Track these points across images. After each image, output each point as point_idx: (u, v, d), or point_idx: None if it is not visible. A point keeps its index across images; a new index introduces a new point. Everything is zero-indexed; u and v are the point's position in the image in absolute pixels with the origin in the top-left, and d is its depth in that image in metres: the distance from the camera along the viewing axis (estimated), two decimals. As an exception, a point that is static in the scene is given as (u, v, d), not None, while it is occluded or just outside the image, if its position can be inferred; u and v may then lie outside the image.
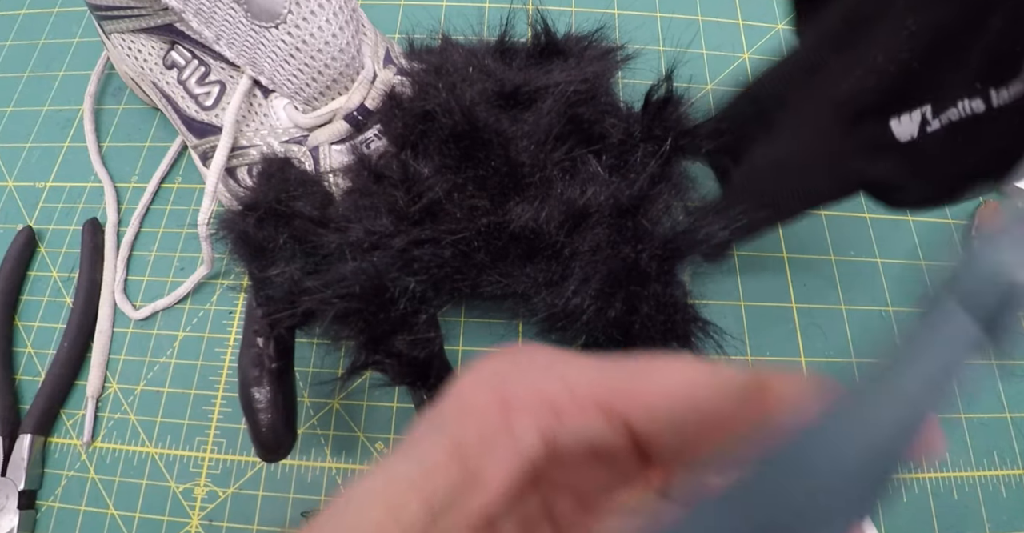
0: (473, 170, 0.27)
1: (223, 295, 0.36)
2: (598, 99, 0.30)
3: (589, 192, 0.27)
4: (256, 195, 0.28)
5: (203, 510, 0.32)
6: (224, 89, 0.30)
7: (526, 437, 0.12)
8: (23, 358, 0.35)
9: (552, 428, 0.12)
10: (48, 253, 0.38)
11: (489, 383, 0.13)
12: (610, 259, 0.26)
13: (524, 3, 0.43)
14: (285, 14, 0.27)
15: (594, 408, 0.12)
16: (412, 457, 0.13)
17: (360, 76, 0.29)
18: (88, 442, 0.33)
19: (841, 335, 0.35)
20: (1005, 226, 0.12)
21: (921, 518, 0.32)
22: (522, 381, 0.13)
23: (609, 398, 0.12)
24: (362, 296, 0.25)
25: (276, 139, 0.30)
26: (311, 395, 0.34)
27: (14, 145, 0.41)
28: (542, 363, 0.13)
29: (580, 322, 0.26)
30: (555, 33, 0.33)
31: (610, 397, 0.12)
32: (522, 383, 0.13)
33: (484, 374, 0.13)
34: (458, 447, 0.12)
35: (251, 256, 0.28)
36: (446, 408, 0.13)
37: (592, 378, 0.13)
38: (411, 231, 0.26)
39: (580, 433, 0.12)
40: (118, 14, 0.31)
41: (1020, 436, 0.34)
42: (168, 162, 0.39)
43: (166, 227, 0.38)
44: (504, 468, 0.12)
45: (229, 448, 0.33)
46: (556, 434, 0.12)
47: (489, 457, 0.12)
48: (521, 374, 0.13)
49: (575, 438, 0.12)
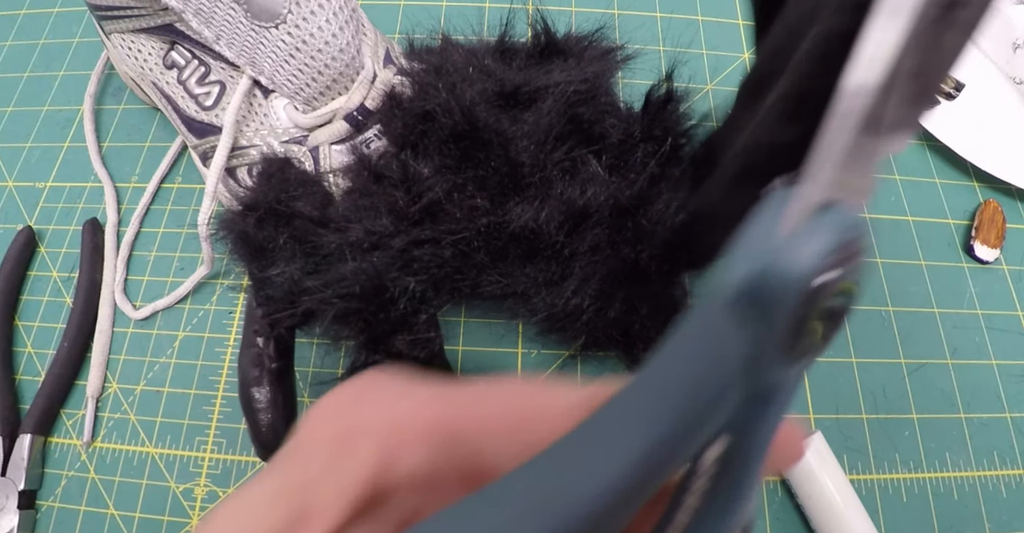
0: (473, 170, 0.27)
1: (223, 295, 0.36)
2: (598, 99, 0.30)
3: (589, 192, 0.27)
4: (256, 195, 0.28)
5: (203, 510, 0.32)
6: (224, 89, 0.30)
7: (361, 467, 0.12)
8: (23, 358, 0.35)
9: (392, 455, 0.12)
10: (48, 253, 0.38)
11: (329, 416, 0.13)
12: (610, 259, 0.26)
13: (524, 3, 0.43)
14: (285, 14, 0.27)
15: (436, 432, 0.12)
16: (240, 503, 0.13)
17: (360, 76, 0.29)
18: (88, 442, 0.33)
19: (841, 335, 0.35)
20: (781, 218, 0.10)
21: (921, 518, 0.32)
22: (363, 411, 0.13)
23: (450, 423, 0.13)
24: (362, 296, 0.25)
25: (276, 139, 0.30)
26: (311, 395, 0.34)
27: (14, 145, 0.41)
28: (386, 391, 0.13)
29: (580, 322, 0.26)
30: (555, 33, 0.33)
31: (451, 422, 0.13)
32: (363, 413, 0.13)
33: (326, 408, 0.13)
34: (286, 486, 0.12)
35: (251, 256, 0.28)
36: (288, 445, 0.13)
37: (433, 404, 0.13)
38: (411, 231, 0.26)
39: (420, 458, 0.12)
40: (118, 14, 0.31)
41: (1020, 436, 0.34)
42: (168, 162, 0.39)
43: (166, 227, 0.38)
44: (337, 500, 0.12)
45: (229, 448, 0.33)
46: (396, 460, 0.12)
47: (322, 490, 0.12)
48: (364, 404, 0.13)
49: (415, 463, 0.12)
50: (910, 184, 0.40)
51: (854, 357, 0.35)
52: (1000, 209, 0.38)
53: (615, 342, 0.27)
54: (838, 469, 0.31)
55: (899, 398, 0.34)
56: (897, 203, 0.39)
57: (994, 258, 0.37)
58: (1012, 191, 0.40)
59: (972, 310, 0.37)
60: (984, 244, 0.37)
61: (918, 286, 0.37)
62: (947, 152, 0.40)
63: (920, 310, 0.36)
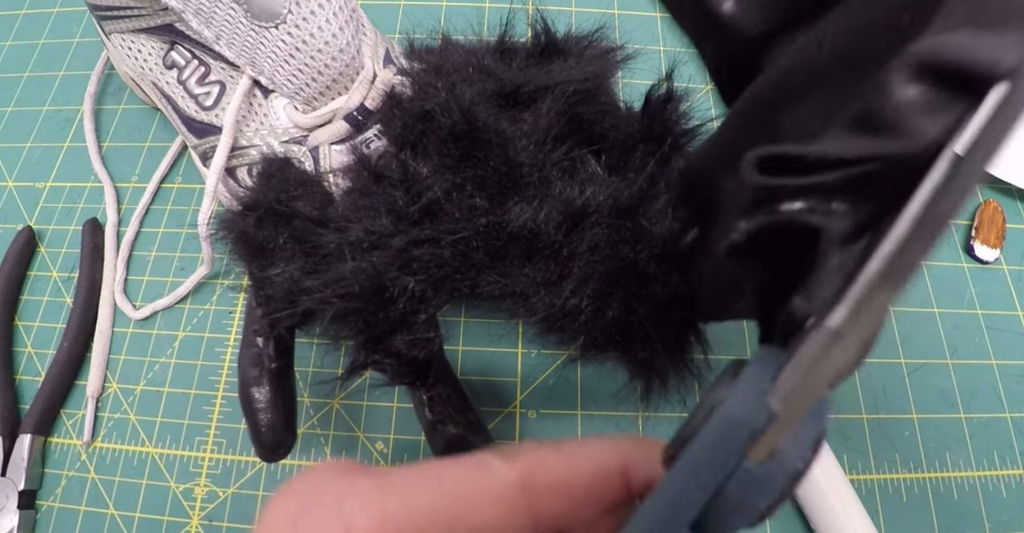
0: (472, 170, 0.27)
1: (223, 295, 0.36)
2: (598, 99, 0.30)
3: (588, 192, 0.27)
4: (256, 195, 0.28)
5: (203, 510, 0.32)
6: (224, 89, 0.30)
7: None
8: (23, 358, 0.35)
9: None
10: (48, 253, 0.38)
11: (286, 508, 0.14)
12: (609, 259, 0.26)
13: (524, 3, 0.43)
14: (285, 14, 0.27)
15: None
16: None
17: (360, 76, 0.29)
18: (88, 442, 0.33)
19: (841, 335, 0.35)
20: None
21: (921, 518, 0.32)
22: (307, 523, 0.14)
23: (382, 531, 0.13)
24: (361, 296, 0.25)
25: (276, 139, 0.30)
26: (311, 395, 0.34)
27: (14, 145, 0.41)
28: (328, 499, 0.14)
29: (579, 322, 0.26)
30: (555, 33, 0.33)
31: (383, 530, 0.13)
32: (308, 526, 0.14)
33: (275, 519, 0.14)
34: None
35: (251, 256, 0.28)
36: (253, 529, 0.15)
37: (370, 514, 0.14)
38: (410, 231, 0.26)
39: None
40: (118, 14, 0.31)
41: (1020, 436, 0.34)
42: (168, 162, 0.39)
43: (166, 227, 0.38)
44: None
45: (229, 448, 0.33)
46: None
47: None
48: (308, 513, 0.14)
49: None
50: (910, 184, 0.40)
51: (854, 357, 0.35)
52: (1000, 209, 0.38)
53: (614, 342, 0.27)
54: (838, 469, 0.31)
55: (899, 398, 0.34)
56: (897, 203, 0.39)
57: (994, 258, 0.37)
58: (1012, 191, 0.40)
59: (972, 310, 0.37)
60: (984, 244, 0.37)
61: (918, 286, 0.37)
62: (947, 152, 0.40)
63: (920, 310, 0.36)
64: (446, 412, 0.28)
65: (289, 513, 0.14)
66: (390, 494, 0.14)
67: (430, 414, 0.28)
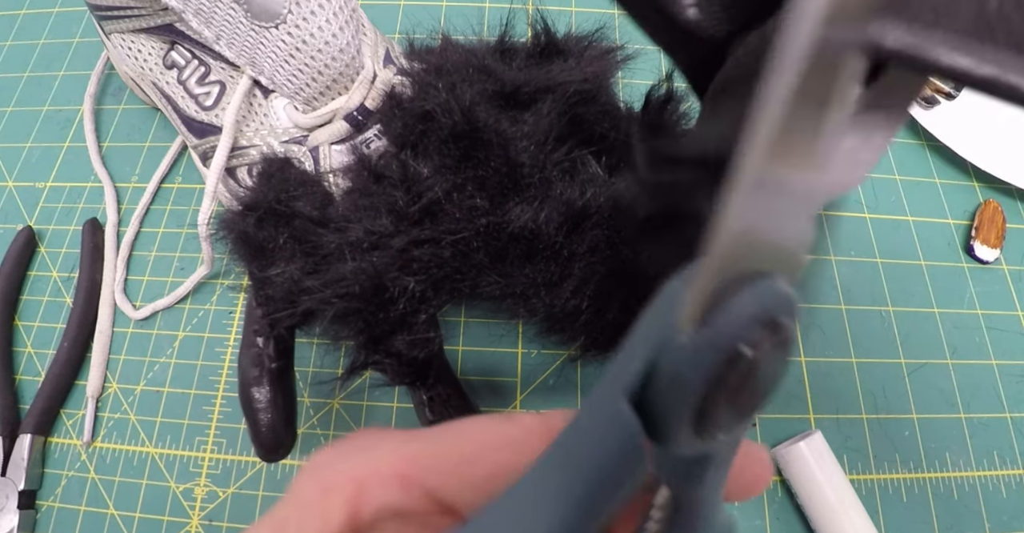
0: (473, 170, 0.27)
1: (223, 295, 0.36)
2: (598, 99, 0.30)
3: (589, 193, 0.27)
4: (256, 195, 0.28)
5: (203, 510, 0.32)
6: (224, 89, 0.30)
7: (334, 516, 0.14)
8: (23, 358, 0.35)
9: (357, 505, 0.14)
10: (48, 253, 0.38)
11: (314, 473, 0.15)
12: (609, 260, 0.26)
13: (524, 3, 0.43)
14: (285, 14, 0.27)
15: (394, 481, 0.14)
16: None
17: (360, 76, 0.29)
18: (88, 442, 0.33)
19: (841, 335, 0.35)
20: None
21: (921, 518, 0.32)
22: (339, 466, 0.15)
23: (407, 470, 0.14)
24: (362, 296, 0.25)
25: (276, 139, 0.30)
26: (311, 395, 0.34)
27: (14, 145, 0.41)
28: (360, 447, 0.15)
29: (579, 323, 0.26)
30: (555, 33, 0.32)
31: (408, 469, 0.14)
32: (338, 468, 0.15)
33: (312, 466, 0.15)
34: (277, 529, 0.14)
35: (251, 256, 0.28)
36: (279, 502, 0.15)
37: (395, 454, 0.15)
38: (411, 231, 0.26)
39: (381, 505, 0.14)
40: (118, 14, 0.31)
41: (1020, 436, 0.34)
42: (168, 162, 0.39)
43: (166, 227, 0.38)
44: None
45: (229, 448, 0.33)
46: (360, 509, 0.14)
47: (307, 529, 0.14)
48: (341, 460, 0.15)
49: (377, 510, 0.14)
50: (910, 184, 0.40)
51: (854, 357, 0.35)
52: (1000, 209, 0.38)
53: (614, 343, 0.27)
54: (838, 469, 0.31)
55: (899, 398, 0.34)
56: (897, 203, 0.39)
57: (994, 258, 0.37)
58: (1012, 191, 0.40)
59: (972, 310, 0.37)
60: (984, 244, 0.37)
61: (918, 286, 0.37)
62: (947, 152, 0.40)
63: (920, 310, 0.36)
64: (446, 412, 0.28)
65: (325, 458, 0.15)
66: (419, 440, 0.15)
67: (430, 414, 0.28)
